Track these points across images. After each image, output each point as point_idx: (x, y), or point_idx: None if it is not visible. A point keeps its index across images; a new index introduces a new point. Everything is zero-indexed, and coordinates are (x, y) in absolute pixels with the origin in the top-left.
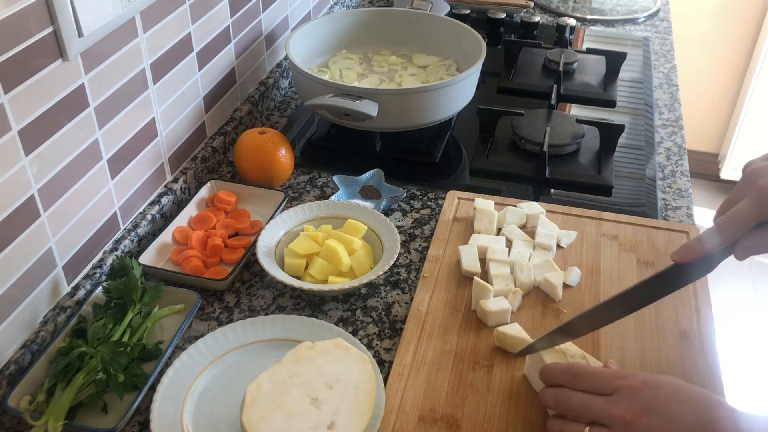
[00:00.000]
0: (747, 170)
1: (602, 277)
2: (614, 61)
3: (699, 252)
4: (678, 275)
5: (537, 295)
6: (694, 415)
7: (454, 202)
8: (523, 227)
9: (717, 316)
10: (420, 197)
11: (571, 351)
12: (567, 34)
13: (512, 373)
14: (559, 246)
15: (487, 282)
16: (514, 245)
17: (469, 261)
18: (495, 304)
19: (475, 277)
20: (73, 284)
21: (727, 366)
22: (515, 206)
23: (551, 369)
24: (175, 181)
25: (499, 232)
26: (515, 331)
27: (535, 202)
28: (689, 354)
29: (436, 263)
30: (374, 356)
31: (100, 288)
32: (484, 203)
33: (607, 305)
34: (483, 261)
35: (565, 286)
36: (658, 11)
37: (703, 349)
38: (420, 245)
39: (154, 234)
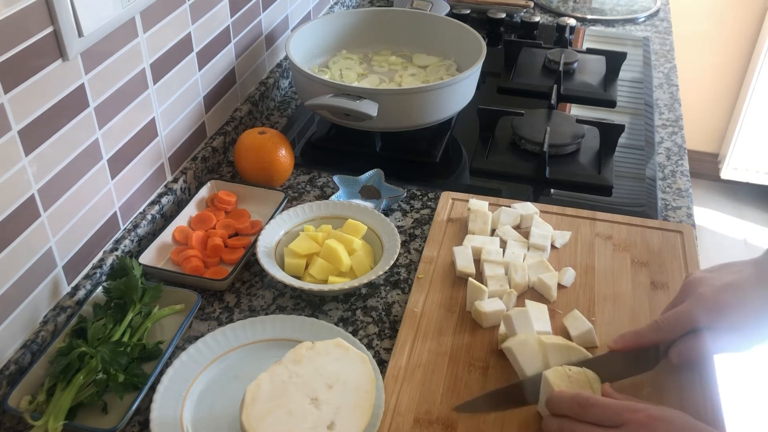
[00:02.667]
0: (688, 279)
1: (596, 278)
2: (614, 61)
3: (633, 343)
4: (615, 364)
5: (531, 296)
6: None
7: (448, 203)
8: (517, 228)
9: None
10: (420, 197)
11: (573, 369)
12: (567, 34)
13: (507, 374)
14: (553, 246)
15: (482, 283)
16: (509, 246)
17: (464, 262)
18: (490, 305)
19: (470, 279)
20: (73, 284)
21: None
22: (509, 207)
23: (558, 398)
24: (175, 181)
25: (493, 232)
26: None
27: (529, 203)
28: None
29: (431, 264)
30: (374, 356)
31: (100, 288)
32: (478, 204)
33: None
34: (477, 262)
35: (560, 286)
36: (658, 11)
37: None
38: (420, 245)
39: (154, 234)
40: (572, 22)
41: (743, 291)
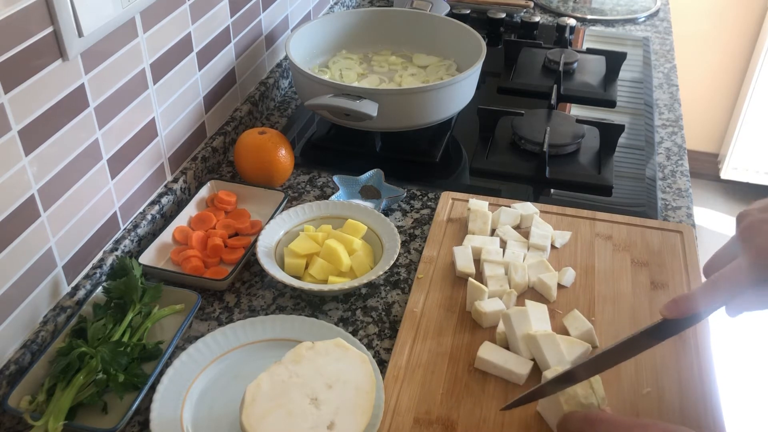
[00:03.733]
0: (743, 223)
1: (596, 278)
2: (614, 61)
3: (690, 309)
4: (666, 329)
5: (531, 296)
6: None
7: (448, 203)
8: (517, 228)
9: (713, 317)
10: (420, 197)
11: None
12: (567, 34)
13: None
14: (553, 246)
15: (482, 283)
16: (509, 246)
17: (464, 262)
18: (490, 305)
19: (470, 279)
20: (73, 284)
21: (723, 367)
22: (509, 207)
23: (569, 419)
24: (175, 181)
25: (493, 232)
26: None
27: (529, 203)
28: (684, 354)
29: (431, 264)
30: (374, 356)
31: (100, 288)
32: (478, 204)
33: (604, 355)
34: (477, 262)
35: (560, 286)
36: (658, 11)
37: (698, 349)
38: (420, 245)
39: (154, 234)
40: (572, 22)
41: None
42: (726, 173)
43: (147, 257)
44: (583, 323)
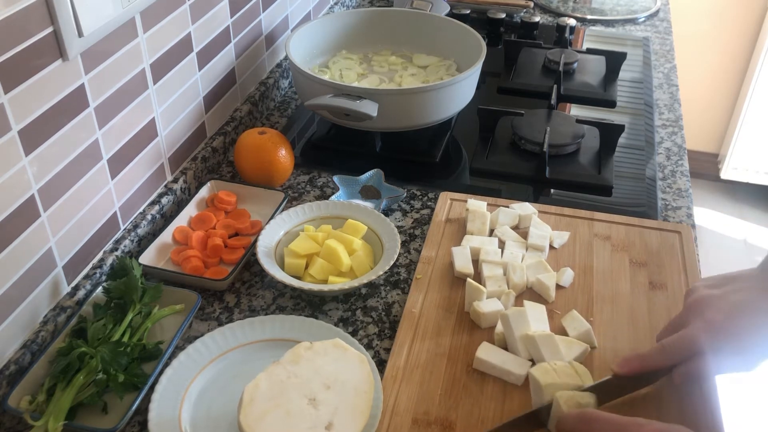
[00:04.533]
0: (691, 298)
1: (595, 278)
2: (614, 61)
3: (638, 367)
4: (617, 385)
5: (530, 296)
6: None
7: (446, 203)
8: (515, 228)
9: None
10: (420, 197)
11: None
12: (567, 34)
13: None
14: (551, 247)
15: (480, 283)
16: (507, 246)
17: (462, 262)
18: (488, 305)
19: (468, 279)
20: (73, 284)
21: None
22: (508, 207)
23: (565, 420)
24: (175, 181)
25: (491, 233)
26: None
27: (527, 203)
28: None
29: (429, 265)
30: (374, 356)
31: (100, 288)
32: (477, 204)
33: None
34: (476, 262)
35: (558, 287)
36: (658, 11)
37: None
38: (420, 245)
39: (154, 234)
40: (572, 22)
41: (754, 313)
42: (726, 173)
43: (147, 257)
44: (582, 324)
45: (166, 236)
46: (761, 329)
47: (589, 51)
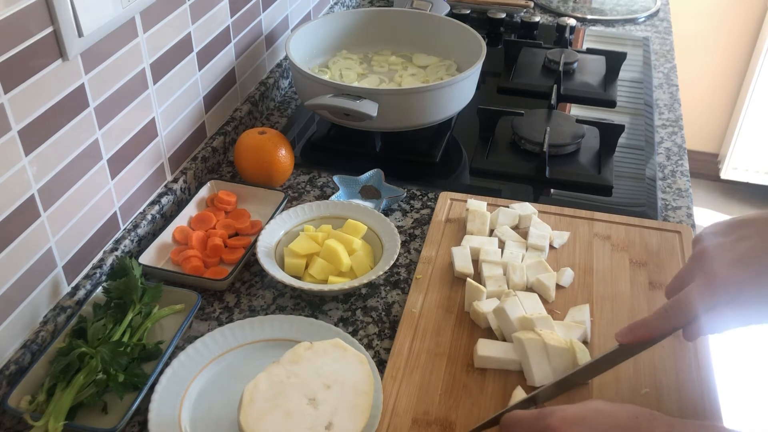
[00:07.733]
0: (696, 248)
1: (595, 278)
2: (614, 61)
3: (644, 336)
4: (623, 352)
5: None
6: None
7: (446, 203)
8: (515, 228)
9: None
10: (420, 197)
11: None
12: (567, 34)
13: (505, 374)
14: (551, 247)
15: (480, 283)
16: (507, 246)
17: (462, 262)
18: (488, 305)
19: (468, 279)
20: (73, 284)
21: (721, 367)
22: (507, 207)
23: (519, 420)
24: (175, 181)
25: (491, 233)
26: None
27: (527, 203)
28: (683, 355)
29: (429, 265)
30: (374, 356)
31: (100, 288)
32: (477, 204)
33: (567, 378)
34: (476, 262)
35: (558, 286)
36: (658, 11)
37: (696, 350)
38: (420, 245)
39: (154, 234)
40: (572, 22)
41: (759, 262)
42: (726, 173)
43: (147, 257)
44: (582, 314)
45: (166, 236)
46: (766, 279)
47: (589, 51)
